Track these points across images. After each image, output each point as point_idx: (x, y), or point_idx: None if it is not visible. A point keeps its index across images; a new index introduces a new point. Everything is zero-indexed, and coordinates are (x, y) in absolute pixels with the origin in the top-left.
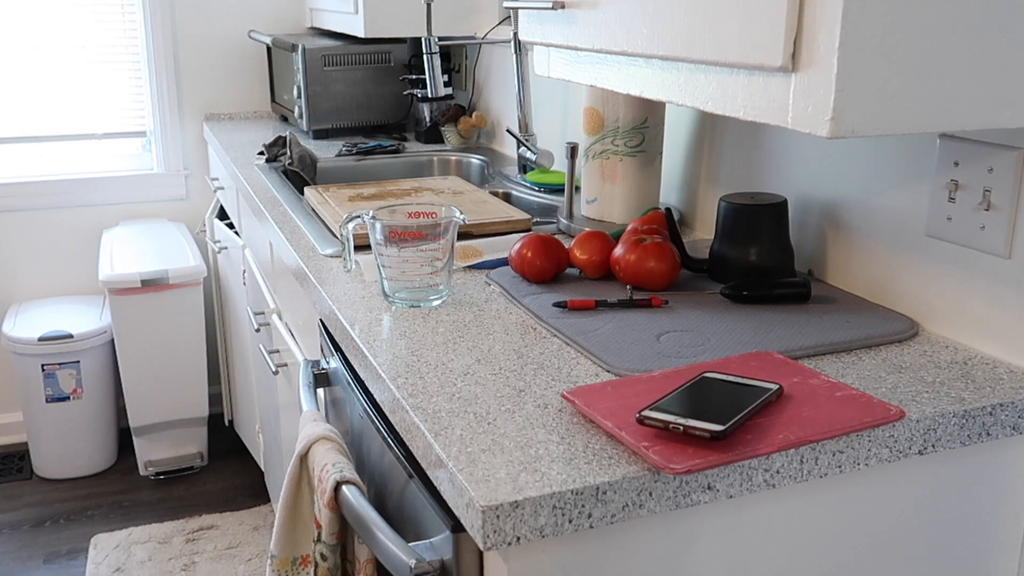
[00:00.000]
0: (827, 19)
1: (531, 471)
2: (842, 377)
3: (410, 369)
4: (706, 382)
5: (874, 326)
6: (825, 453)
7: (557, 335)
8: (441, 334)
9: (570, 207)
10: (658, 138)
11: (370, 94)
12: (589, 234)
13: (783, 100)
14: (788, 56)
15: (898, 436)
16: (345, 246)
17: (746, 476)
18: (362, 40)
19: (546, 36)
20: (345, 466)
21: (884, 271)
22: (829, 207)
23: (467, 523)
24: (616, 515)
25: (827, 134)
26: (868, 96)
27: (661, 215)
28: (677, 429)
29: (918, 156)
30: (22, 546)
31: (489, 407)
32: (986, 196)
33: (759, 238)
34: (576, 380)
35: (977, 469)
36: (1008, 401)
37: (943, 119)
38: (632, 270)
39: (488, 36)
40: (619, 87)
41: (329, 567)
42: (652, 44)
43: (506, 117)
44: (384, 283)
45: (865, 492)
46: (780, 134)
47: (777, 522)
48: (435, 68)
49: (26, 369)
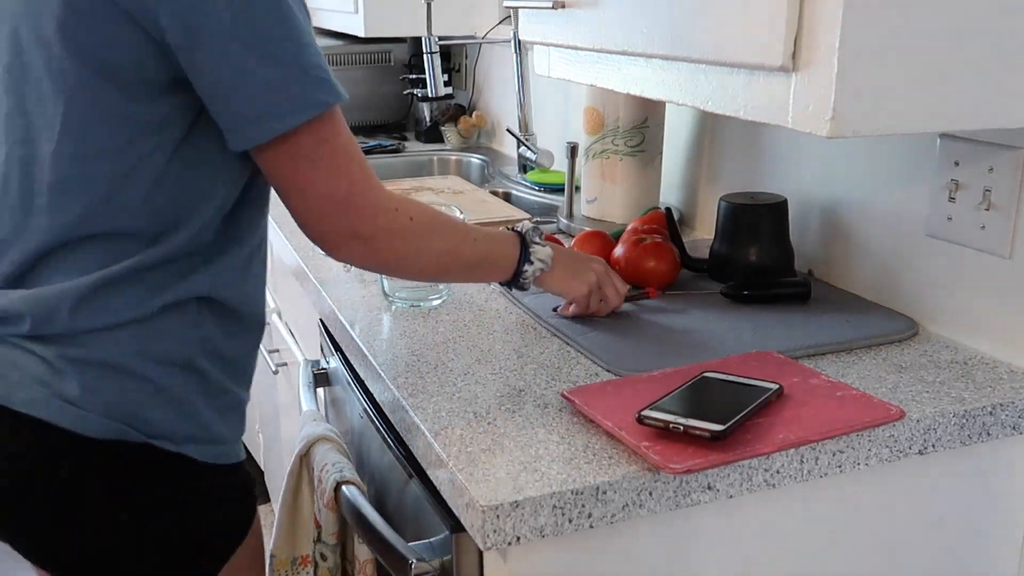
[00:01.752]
0: (827, 19)
1: (531, 471)
2: (842, 377)
3: (410, 369)
4: (706, 382)
5: (874, 326)
6: (825, 453)
7: (557, 335)
8: (441, 334)
9: (570, 207)
10: (658, 138)
11: (370, 94)
12: (589, 234)
13: (783, 100)
14: (788, 56)
15: (898, 436)
16: None
17: (746, 476)
18: (362, 40)
19: (546, 36)
20: (345, 466)
21: (884, 271)
22: (829, 207)
23: (467, 523)
24: (616, 515)
25: (827, 134)
26: (868, 96)
27: (661, 215)
28: (677, 429)
29: (918, 156)
30: None
31: (489, 407)
32: (986, 196)
33: (759, 238)
34: (576, 380)
35: (977, 469)
36: (1008, 401)
37: (943, 119)
38: (632, 270)
39: (488, 36)
40: (619, 87)
41: (329, 567)
42: (652, 44)
43: (506, 117)
44: (384, 283)
45: (865, 492)
46: (780, 134)
47: (777, 522)
48: (435, 68)
49: None
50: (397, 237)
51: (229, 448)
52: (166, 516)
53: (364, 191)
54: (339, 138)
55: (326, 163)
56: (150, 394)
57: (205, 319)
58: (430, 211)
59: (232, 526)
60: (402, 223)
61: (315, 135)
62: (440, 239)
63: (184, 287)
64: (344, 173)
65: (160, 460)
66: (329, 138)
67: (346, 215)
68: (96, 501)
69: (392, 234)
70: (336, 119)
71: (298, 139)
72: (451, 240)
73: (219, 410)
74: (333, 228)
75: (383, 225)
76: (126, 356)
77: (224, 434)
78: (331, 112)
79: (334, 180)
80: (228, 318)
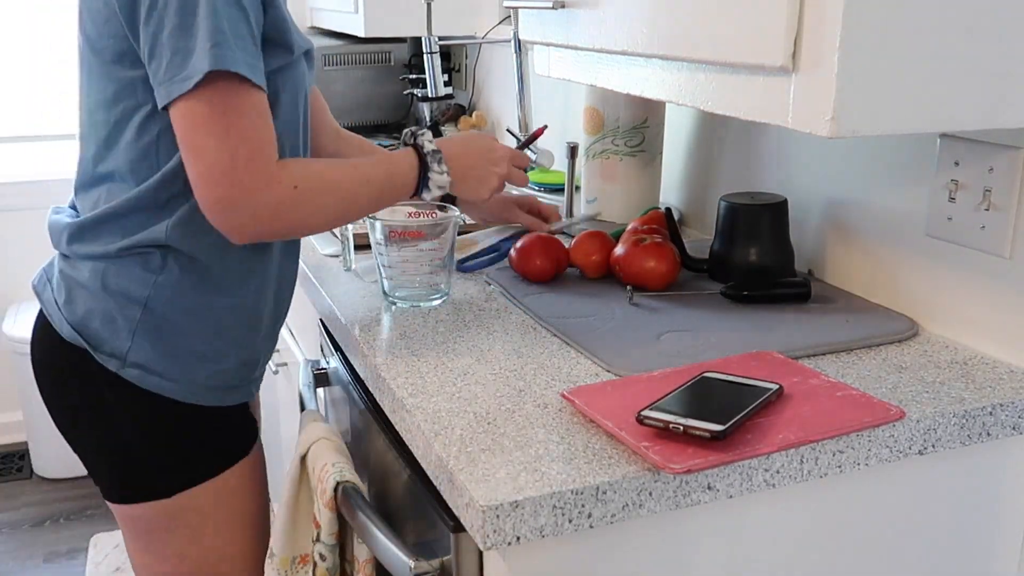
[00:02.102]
0: (827, 19)
1: (531, 471)
2: (842, 377)
3: (410, 369)
4: (706, 382)
5: (874, 326)
6: (825, 453)
7: (557, 335)
8: (441, 334)
9: (570, 207)
10: (658, 138)
11: (370, 94)
12: (589, 234)
13: (783, 100)
14: (788, 56)
15: (898, 436)
16: (345, 246)
17: (746, 476)
18: (362, 39)
19: (546, 36)
20: (345, 466)
21: (884, 271)
22: (829, 207)
23: (467, 523)
24: (616, 515)
25: (827, 134)
26: (868, 96)
27: (661, 215)
28: (677, 429)
29: (918, 156)
30: (22, 546)
31: (489, 407)
32: (986, 196)
33: (759, 238)
34: (576, 380)
35: (977, 469)
36: (1008, 401)
37: (943, 119)
38: (632, 270)
39: (488, 36)
40: (619, 87)
41: (328, 567)
42: (652, 44)
43: (506, 117)
44: (384, 283)
45: (865, 492)
46: (780, 134)
47: (777, 522)
48: (435, 68)
49: (26, 369)
50: (283, 209)
51: (174, 386)
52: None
53: (249, 165)
54: (233, 111)
55: (216, 133)
56: (103, 316)
57: (170, 268)
58: (317, 171)
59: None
60: (285, 195)
61: (208, 104)
62: (331, 196)
63: (145, 234)
64: (230, 146)
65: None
66: (225, 110)
67: (229, 187)
68: (69, 391)
69: (277, 207)
70: (235, 93)
71: (192, 105)
72: (344, 192)
73: (166, 347)
74: (215, 197)
75: (265, 200)
76: (93, 282)
77: (167, 369)
78: (229, 85)
79: (220, 150)
80: (196, 272)
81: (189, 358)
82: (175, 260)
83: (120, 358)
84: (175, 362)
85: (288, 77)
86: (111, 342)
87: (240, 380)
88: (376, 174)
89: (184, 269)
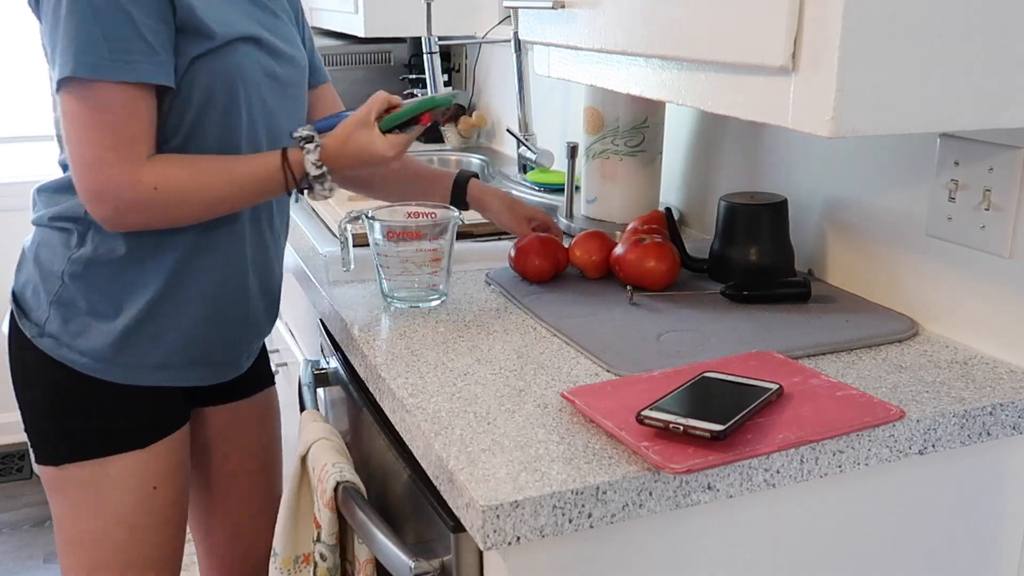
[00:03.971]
0: (827, 19)
1: (531, 471)
2: (842, 377)
3: (410, 369)
4: (706, 382)
5: (874, 326)
6: (825, 453)
7: (557, 335)
8: (441, 334)
9: (570, 207)
10: (658, 138)
11: (370, 93)
12: (589, 234)
13: (783, 100)
14: (788, 56)
15: (898, 436)
16: (345, 245)
17: (746, 476)
18: (362, 40)
19: (546, 36)
20: (345, 466)
21: (884, 271)
22: (829, 207)
23: (467, 523)
24: (616, 515)
25: (827, 134)
26: (868, 96)
27: (661, 215)
28: (677, 429)
29: (918, 156)
30: (22, 545)
31: (489, 407)
32: (986, 196)
33: (759, 238)
34: (576, 380)
35: (977, 469)
36: (1008, 401)
37: (943, 119)
38: (632, 270)
39: (488, 36)
40: (619, 87)
41: (328, 567)
42: (652, 44)
43: (506, 117)
44: (383, 283)
45: (865, 492)
46: (780, 134)
47: (777, 522)
48: (435, 68)
49: None
50: (144, 207)
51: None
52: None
53: (111, 163)
54: (100, 108)
55: (82, 126)
56: (32, 287)
57: (87, 245)
58: (180, 174)
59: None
60: (145, 195)
61: (78, 98)
62: (194, 196)
63: (68, 206)
64: (93, 141)
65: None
66: (93, 106)
67: (94, 179)
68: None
69: (137, 204)
70: (100, 89)
71: (67, 96)
72: (206, 194)
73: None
74: (83, 187)
75: (127, 197)
76: (31, 252)
77: (74, 342)
78: (92, 83)
79: (86, 143)
80: (111, 250)
81: (97, 333)
82: (91, 238)
83: (39, 326)
84: (84, 336)
85: (213, 64)
86: (35, 311)
87: (163, 360)
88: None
89: (99, 247)
